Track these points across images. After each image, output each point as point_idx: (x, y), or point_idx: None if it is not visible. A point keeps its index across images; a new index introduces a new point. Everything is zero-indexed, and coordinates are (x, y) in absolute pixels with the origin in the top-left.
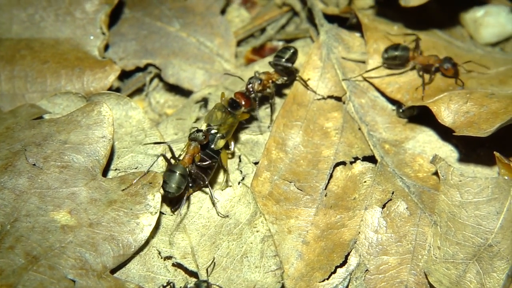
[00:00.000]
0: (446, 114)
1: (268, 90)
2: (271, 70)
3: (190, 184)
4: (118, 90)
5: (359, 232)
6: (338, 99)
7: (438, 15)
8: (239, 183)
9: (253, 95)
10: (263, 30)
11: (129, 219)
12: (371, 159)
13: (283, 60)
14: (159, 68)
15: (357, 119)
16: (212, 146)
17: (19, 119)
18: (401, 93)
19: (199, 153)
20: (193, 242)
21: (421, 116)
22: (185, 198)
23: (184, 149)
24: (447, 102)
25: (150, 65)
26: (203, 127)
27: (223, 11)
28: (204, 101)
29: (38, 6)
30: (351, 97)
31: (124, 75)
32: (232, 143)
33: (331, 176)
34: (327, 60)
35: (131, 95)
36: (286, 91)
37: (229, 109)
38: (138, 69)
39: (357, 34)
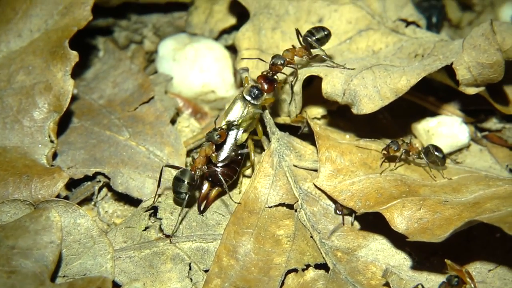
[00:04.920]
0: (399, 221)
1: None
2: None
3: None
4: (66, 199)
5: None
6: (290, 206)
7: (390, 125)
8: None
9: (276, 76)
10: None
11: None
12: (323, 266)
13: (314, 38)
14: (108, 177)
15: (309, 227)
16: (234, 141)
17: None
18: (354, 200)
19: (214, 153)
20: None
21: (375, 223)
22: (210, 197)
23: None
24: (400, 209)
25: (99, 173)
26: (223, 123)
27: (173, 121)
28: (154, 209)
29: None
30: (303, 205)
31: (73, 185)
32: (259, 126)
33: (282, 283)
34: (278, 167)
35: (79, 204)
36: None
37: (250, 100)
38: (87, 178)
39: (309, 143)
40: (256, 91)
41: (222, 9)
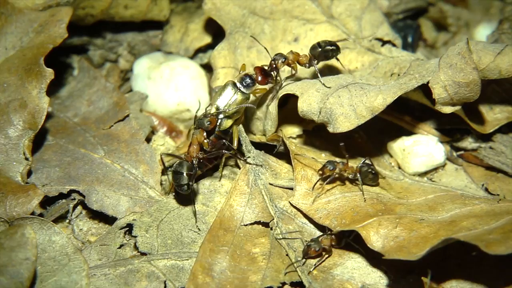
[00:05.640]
0: (375, 239)
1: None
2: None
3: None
4: (41, 216)
5: None
6: (266, 224)
7: (365, 144)
8: None
9: (273, 72)
10: None
11: None
12: (299, 284)
13: (319, 50)
14: (83, 194)
15: (284, 245)
16: (218, 127)
17: None
18: (329, 219)
19: (206, 140)
20: None
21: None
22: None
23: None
24: (376, 227)
25: (74, 191)
26: (212, 109)
27: (148, 139)
28: (129, 227)
29: None
30: (278, 223)
31: (47, 202)
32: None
33: None
34: (254, 186)
35: (54, 222)
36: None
37: (240, 86)
38: (62, 196)
39: (284, 162)
40: (249, 80)
41: (198, 28)
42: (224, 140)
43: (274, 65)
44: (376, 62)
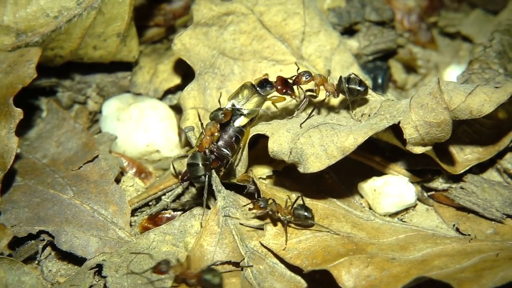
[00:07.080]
0: (346, 278)
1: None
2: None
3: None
4: (10, 257)
5: None
6: (236, 264)
7: (336, 185)
8: None
9: (295, 85)
10: (158, 199)
11: None
12: None
13: (342, 85)
14: (52, 235)
15: (255, 285)
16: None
17: None
18: (301, 259)
19: (218, 132)
20: None
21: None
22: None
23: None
24: (347, 266)
25: (43, 232)
26: (228, 104)
27: (117, 180)
28: (98, 268)
29: None
30: (249, 263)
31: (16, 243)
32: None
33: None
34: (224, 226)
35: (23, 263)
36: None
37: (257, 88)
38: (31, 236)
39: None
40: (266, 84)
41: (167, 69)
42: (234, 137)
43: (297, 80)
44: (347, 102)
